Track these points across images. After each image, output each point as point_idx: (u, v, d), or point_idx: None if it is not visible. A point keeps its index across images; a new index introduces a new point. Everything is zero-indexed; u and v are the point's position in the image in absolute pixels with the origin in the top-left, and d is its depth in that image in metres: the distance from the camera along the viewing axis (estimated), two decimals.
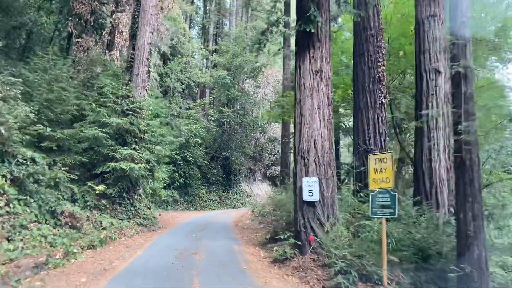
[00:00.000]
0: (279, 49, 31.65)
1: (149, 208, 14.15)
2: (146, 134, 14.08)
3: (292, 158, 17.59)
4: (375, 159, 7.45)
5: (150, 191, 23.11)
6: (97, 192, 11.72)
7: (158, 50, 30.29)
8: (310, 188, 9.29)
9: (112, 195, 12.30)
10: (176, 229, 14.22)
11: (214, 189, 31.79)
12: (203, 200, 29.95)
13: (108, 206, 12.21)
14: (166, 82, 30.48)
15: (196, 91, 35.33)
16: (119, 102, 13.40)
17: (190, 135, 28.72)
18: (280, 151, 39.21)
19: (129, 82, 14.23)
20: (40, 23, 18.74)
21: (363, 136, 13.06)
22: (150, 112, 14.85)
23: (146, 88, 14.65)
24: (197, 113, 30.14)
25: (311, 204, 9.27)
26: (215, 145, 32.71)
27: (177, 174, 27.23)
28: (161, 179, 25.08)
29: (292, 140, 22.39)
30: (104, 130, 12.31)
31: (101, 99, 13.37)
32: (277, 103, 24.69)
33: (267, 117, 30.93)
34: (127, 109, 13.44)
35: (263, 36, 14.23)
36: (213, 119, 31.23)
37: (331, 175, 9.52)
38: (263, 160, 38.36)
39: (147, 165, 13.26)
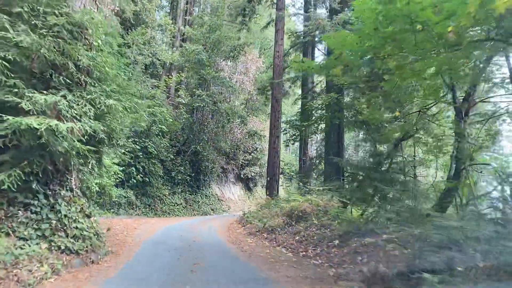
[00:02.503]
0: (268, 23, 25.42)
1: (88, 216, 7.38)
2: (90, 75, 7.45)
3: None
4: None
5: (96, 188, 16.67)
6: None
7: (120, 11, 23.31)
8: None
9: (6, 186, 5.60)
10: (138, 259, 7.60)
11: (180, 190, 26.08)
12: (165, 203, 24.26)
13: None
14: (125, 53, 23.44)
15: (161, 72, 28.40)
16: (41, 13, 6.69)
17: (152, 120, 22.48)
18: (267, 151, 33.34)
19: None
20: None
21: None
22: (101, 40, 8.06)
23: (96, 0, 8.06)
24: (162, 94, 23.36)
25: None
26: (184, 135, 26.60)
27: (134, 168, 21.63)
28: (112, 172, 18.62)
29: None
30: (4, 55, 5.76)
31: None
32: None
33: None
34: (55, 25, 6.77)
35: (250, 3, 10.92)
36: (183, 101, 24.42)
37: None
38: (237, 158, 32.03)
39: (88, 132, 6.64)
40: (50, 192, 6.64)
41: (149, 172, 22.61)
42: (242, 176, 34.63)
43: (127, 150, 19.92)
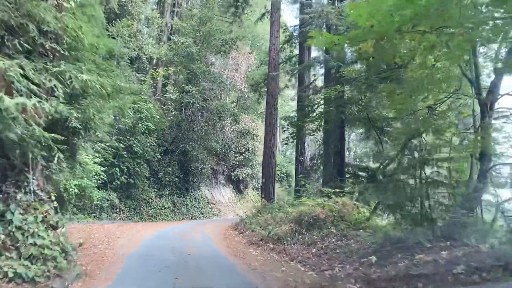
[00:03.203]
0: (263, 14, 23.84)
1: (54, 228, 5.55)
2: (60, 43, 5.68)
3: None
4: None
5: (76, 190, 15.60)
6: None
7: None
8: None
9: None
10: (121, 284, 5.75)
11: (167, 192, 24.40)
12: (151, 206, 22.55)
13: None
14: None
15: (148, 67, 26.50)
16: None
17: (138, 117, 21.11)
18: (260, 151, 31.73)
19: None
20: None
21: None
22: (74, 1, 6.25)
23: None
24: (149, 89, 21.53)
25: None
26: (172, 134, 24.59)
27: (117, 169, 19.90)
28: (94, 173, 16.89)
29: None
30: None
31: None
32: None
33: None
34: None
35: None
36: (171, 97, 22.58)
37: None
38: (227, 159, 30.22)
39: (51, 115, 4.83)
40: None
41: (134, 173, 20.90)
42: (233, 177, 33.02)
43: (108, 145, 18.06)
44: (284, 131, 20.43)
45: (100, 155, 18.73)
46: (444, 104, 14.88)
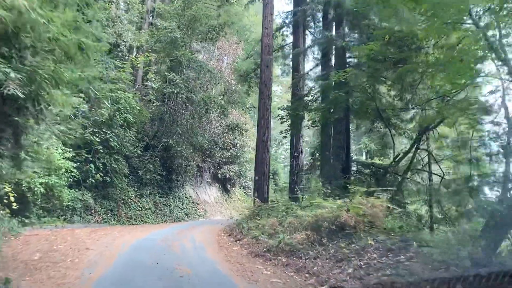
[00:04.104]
0: None
1: None
2: None
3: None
4: None
5: (41, 189, 13.39)
6: None
7: None
8: None
9: None
10: None
11: (148, 192, 22.17)
12: (130, 208, 20.33)
13: None
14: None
15: (127, 56, 24.03)
16: None
17: (116, 108, 18.86)
18: (249, 147, 29.59)
19: None
20: None
21: None
22: None
23: None
24: (128, 75, 19.19)
25: None
26: (153, 128, 22.18)
27: (92, 165, 17.62)
28: (64, 169, 14.79)
29: None
30: None
31: None
32: None
33: None
34: None
35: None
36: (153, 86, 20.23)
37: None
38: (213, 156, 28.01)
39: None
40: None
41: (111, 170, 18.71)
42: (219, 176, 30.90)
43: (79, 135, 15.73)
44: (284, 121, 18.28)
45: (71, 149, 16.43)
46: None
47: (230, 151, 30.51)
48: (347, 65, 15.32)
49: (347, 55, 16.19)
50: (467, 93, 12.12)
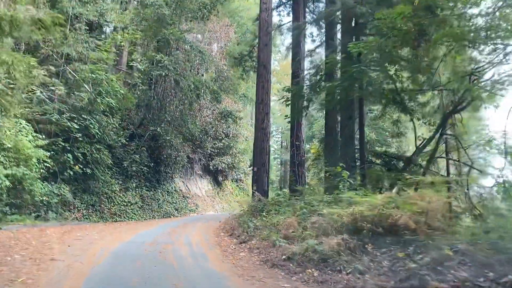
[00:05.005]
0: None
1: None
2: None
3: None
4: None
5: (6, 181, 11.60)
6: None
7: None
8: None
9: None
10: None
11: (134, 185, 20.11)
12: (114, 202, 18.27)
13: None
14: (61, 2, 17.06)
15: (110, 36, 21.80)
16: None
17: (97, 92, 16.84)
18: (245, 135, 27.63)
19: None
20: None
21: None
22: None
23: None
24: (111, 57, 17.05)
25: None
26: (139, 115, 19.89)
27: (70, 155, 15.46)
28: (35, 159, 12.95)
29: None
30: None
31: None
32: None
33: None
34: None
35: None
36: (139, 67, 18.07)
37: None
38: (204, 146, 25.89)
39: None
40: None
41: (92, 161, 16.68)
42: (211, 167, 28.85)
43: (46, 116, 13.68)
44: (288, 104, 16.24)
45: (44, 136, 14.33)
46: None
47: (223, 141, 28.62)
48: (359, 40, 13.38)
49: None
50: None
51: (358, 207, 6.42)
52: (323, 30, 17.63)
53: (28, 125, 13.90)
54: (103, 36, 22.54)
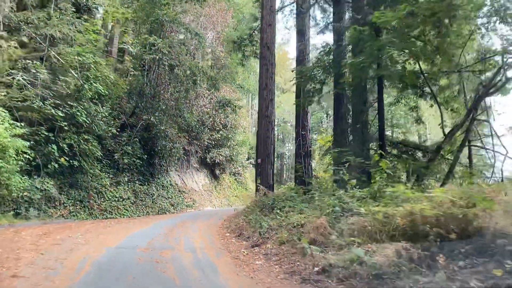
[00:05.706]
0: None
1: None
2: None
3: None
4: None
5: None
6: None
7: None
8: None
9: None
10: None
11: (126, 179, 18.63)
12: (105, 198, 16.84)
13: None
14: None
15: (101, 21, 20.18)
16: None
17: (85, 77, 15.24)
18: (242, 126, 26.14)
19: None
20: None
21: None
22: None
23: None
24: (98, 39, 15.50)
25: None
26: (131, 103, 18.32)
27: (54, 146, 13.99)
28: (12, 149, 11.53)
29: None
30: None
31: None
32: None
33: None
34: None
35: None
36: (130, 50, 16.45)
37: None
38: (201, 138, 24.38)
39: None
40: None
41: (79, 152, 15.21)
42: (208, 160, 27.49)
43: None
44: (303, 84, 14.81)
45: (24, 124, 12.74)
46: None
47: (220, 132, 27.25)
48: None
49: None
50: None
51: (417, 204, 4.90)
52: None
53: (4, 112, 12.29)
54: (87, 18, 21.06)
